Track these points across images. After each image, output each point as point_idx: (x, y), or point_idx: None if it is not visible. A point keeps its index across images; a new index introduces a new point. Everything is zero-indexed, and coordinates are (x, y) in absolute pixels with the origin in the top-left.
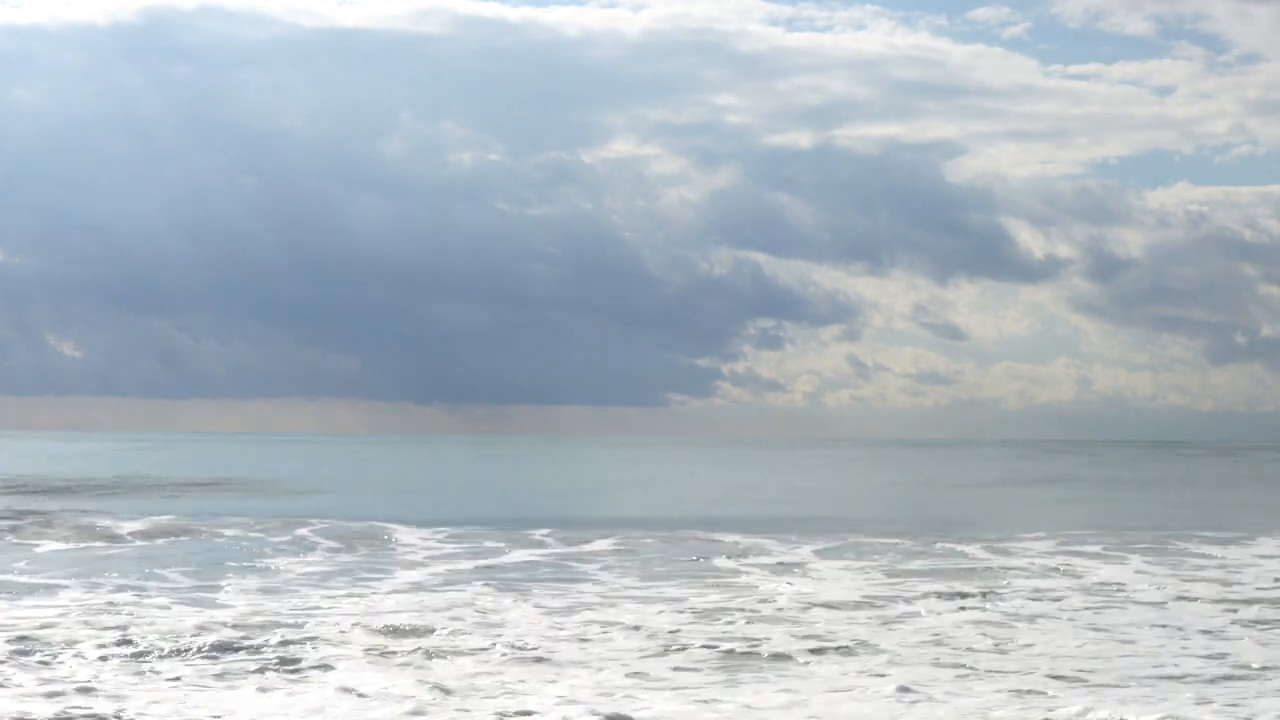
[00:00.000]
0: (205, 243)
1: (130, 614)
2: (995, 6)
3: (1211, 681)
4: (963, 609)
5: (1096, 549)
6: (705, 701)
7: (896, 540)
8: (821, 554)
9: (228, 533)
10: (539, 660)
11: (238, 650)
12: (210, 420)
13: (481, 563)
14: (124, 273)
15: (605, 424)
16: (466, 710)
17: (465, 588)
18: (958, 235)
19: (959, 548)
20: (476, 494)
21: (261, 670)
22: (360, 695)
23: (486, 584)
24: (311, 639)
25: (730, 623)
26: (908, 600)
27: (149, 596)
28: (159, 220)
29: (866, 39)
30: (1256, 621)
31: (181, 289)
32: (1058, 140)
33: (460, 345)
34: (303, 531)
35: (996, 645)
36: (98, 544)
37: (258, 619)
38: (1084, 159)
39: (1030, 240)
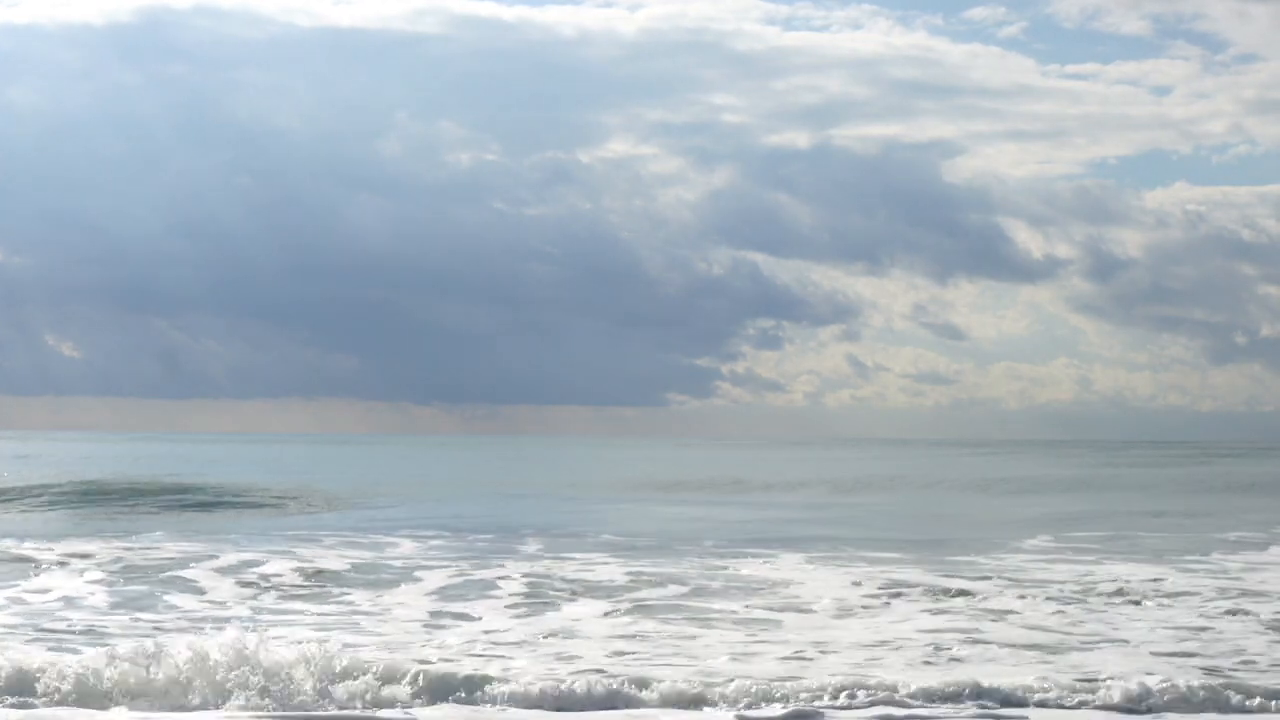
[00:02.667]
0: (202, 242)
1: None
2: (991, 6)
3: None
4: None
5: (1098, 551)
6: None
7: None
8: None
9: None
10: None
11: None
12: (209, 420)
13: None
14: (122, 273)
15: (604, 424)
16: None
17: None
18: (956, 235)
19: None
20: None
21: None
22: None
23: None
24: None
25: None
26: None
27: None
28: (156, 220)
29: (864, 38)
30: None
31: (179, 289)
32: (1056, 140)
33: (458, 345)
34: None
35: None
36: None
37: None
38: (1082, 159)
39: (1029, 240)
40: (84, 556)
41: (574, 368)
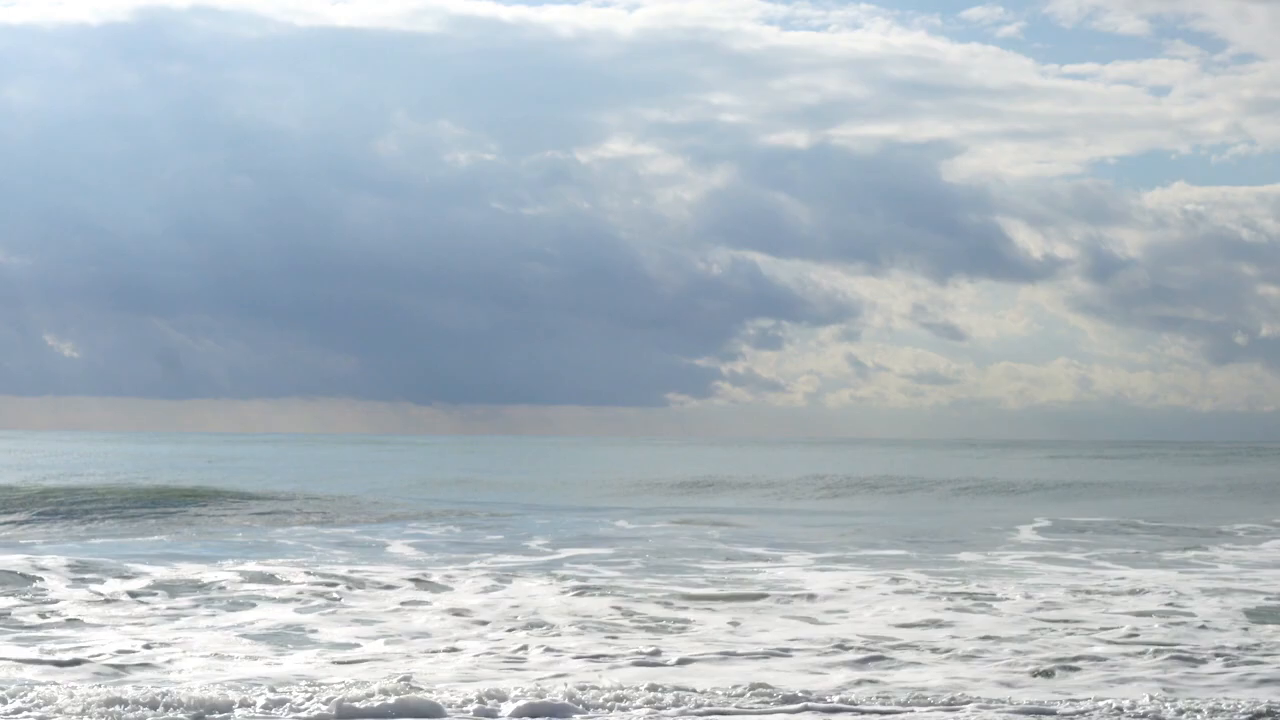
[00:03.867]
0: (201, 243)
1: None
2: (989, 6)
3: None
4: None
5: (1088, 552)
6: None
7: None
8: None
9: None
10: None
11: None
12: (209, 420)
13: None
14: (121, 273)
15: (604, 424)
16: None
17: None
18: (955, 235)
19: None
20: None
21: None
22: None
23: None
24: None
25: None
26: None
27: None
28: (155, 220)
29: (862, 38)
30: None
31: (178, 289)
32: (1054, 140)
33: (458, 345)
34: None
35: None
36: None
37: None
38: (1081, 159)
39: (1028, 240)
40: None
41: (574, 368)
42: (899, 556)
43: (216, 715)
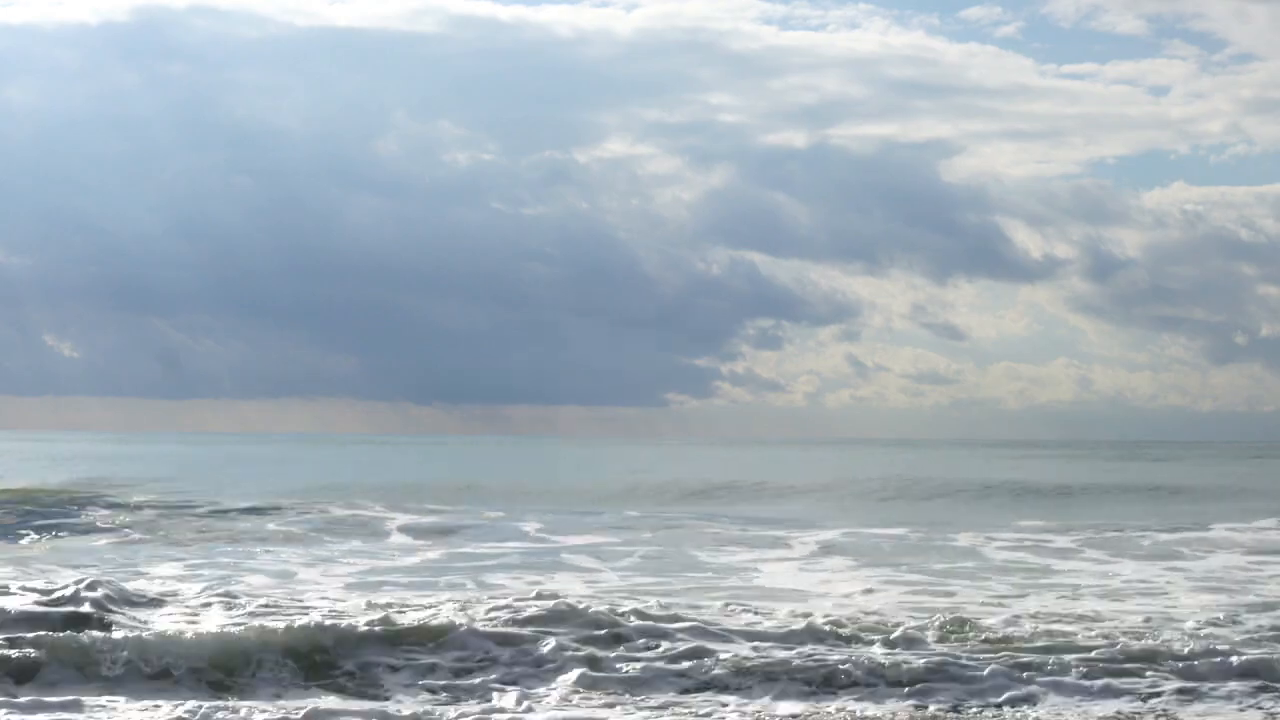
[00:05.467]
0: (201, 242)
1: None
2: (987, 5)
3: None
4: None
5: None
6: None
7: None
8: None
9: None
10: None
11: None
12: (209, 420)
13: None
14: (120, 273)
15: (604, 424)
16: None
17: None
18: (954, 235)
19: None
20: None
21: None
22: None
23: None
24: None
25: None
26: None
27: None
28: (154, 220)
29: (861, 38)
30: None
31: (178, 289)
32: (1053, 140)
33: (458, 345)
34: None
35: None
36: None
37: None
38: (1080, 159)
39: (1028, 240)
40: None
41: (574, 368)
42: (895, 557)
43: None
